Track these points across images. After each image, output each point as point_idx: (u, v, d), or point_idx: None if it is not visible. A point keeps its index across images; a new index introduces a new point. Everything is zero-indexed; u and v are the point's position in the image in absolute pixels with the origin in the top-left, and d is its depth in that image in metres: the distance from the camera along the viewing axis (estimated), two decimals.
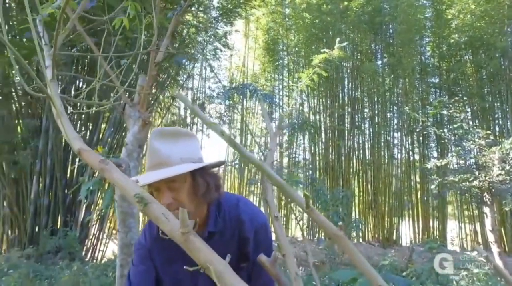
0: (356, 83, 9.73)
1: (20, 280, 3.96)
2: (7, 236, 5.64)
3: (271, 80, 10.41)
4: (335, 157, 9.35)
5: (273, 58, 9.87)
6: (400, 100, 9.73)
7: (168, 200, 0.97)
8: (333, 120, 9.52)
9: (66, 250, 5.09)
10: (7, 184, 5.50)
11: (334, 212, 6.90)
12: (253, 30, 10.46)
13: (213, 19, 7.16)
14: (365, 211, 9.38)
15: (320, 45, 8.50)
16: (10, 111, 5.50)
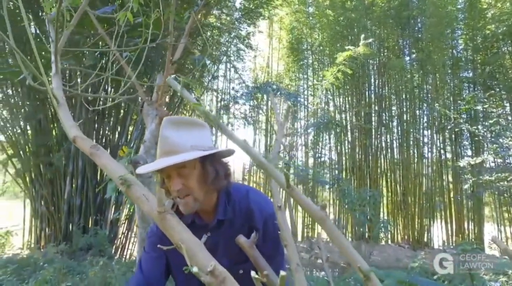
0: (383, 81, 9.46)
1: (55, 274, 4.16)
2: (44, 233, 5.95)
3: (296, 80, 10.34)
4: (362, 156, 9.13)
5: (297, 58, 9.79)
6: (430, 97, 9.34)
7: (178, 186, 1.00)
8: (359, 119, 9.30)
9: (96, 247, 5.29)
10: (43, 184, 5.80)
11: (361, 212, 6.75)
12: (276, 31, 10.44)
13: (235, 21, 7.21)
14: (394, 211, 9.09)
15: (345, 43, 8.33)
16: (46, 115, 5.80)
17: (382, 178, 9.18)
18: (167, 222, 0.62)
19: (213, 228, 1.09)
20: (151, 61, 5.73)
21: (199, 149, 1.04)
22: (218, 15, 7.30)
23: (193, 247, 0.58)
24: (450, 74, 9.57)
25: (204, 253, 0.57)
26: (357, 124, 9.30)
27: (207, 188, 1.05)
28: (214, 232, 1.08)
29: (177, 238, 0.60)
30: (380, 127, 9.15)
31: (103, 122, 6.13)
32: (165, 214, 0.62)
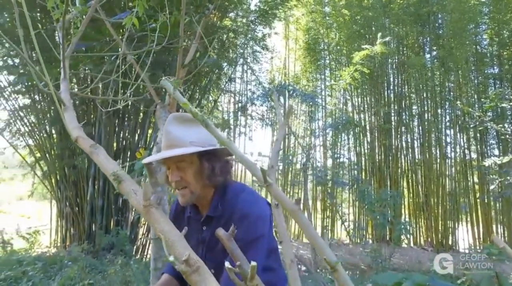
0: (402, 79, 9.26)
1: (78, 272, 4.33)
2: (69, 232, 6.20)
3: (313, 80, 10.28)
4: (382, 156, 8.97)
5: (314, 58, 9.74)
6: (452, 95, 9.06)
7: (176, 178, 1.10)
8: (378, 119, 9.14)
9: (118, 247, 5.46)
10: (68, 186, 6.05)
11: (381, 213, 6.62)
12: (293, 31, 10.43)
13: (250, 23, 7.27)
14: (416, 213, 8.86)
15: (363, 42, 8.22)
16: None
17: (402, 178, 8.97)
18: (151, 215, 0.66)
19: (201, 223, 1.18)
20: (168, 65, 5.87)
21: (197, 145, 1.11)
22: (233, 18, 7.39)
23: (172, 238, 0.61)
24: (474, 71, 9.25)
25: (182, 243, 0.61)
26: (377, 124, 9.15)
27: (203, 182, 1.12)
28: (208, 226, 1.17)
29: (159, 230, 0.64)
30: (400, 127, 8.96)
31: (123, 125, 6.33)
32: (150, 208, 0.67)
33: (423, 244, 8.80)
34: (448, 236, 8.56)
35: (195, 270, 0.56)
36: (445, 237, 8.55)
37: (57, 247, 6.15)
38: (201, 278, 0.54)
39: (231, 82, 9.29)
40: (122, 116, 6.31)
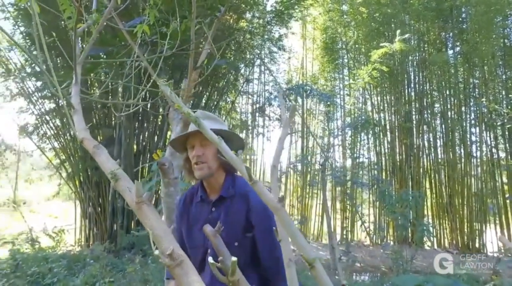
0: (423, 77, 9.00)
1: (100, 270, 4.48)
2: (92, 232, 6.41)
3: (331, 80, 10.17)
4: (403, 156, 8.74)
5: (332, 57, 9.64)
6: (477, 91, 8.72)
7: (200, 152, 1.30)
8: (399, 118, 8.93)
9: (138, 247, 5.60)
10: (91, 187, 6.27)
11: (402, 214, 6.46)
12: (310, 31, 10.36)
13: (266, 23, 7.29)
14: (440, 214, 8.58)
15: (382, 40, 8.05)
16: (91, 122, 6.27)
17: (425, 178, 8.71)
18: (142, 211, 0.69)
19: (216, 202, 1.34)
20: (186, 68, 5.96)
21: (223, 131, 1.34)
22: (249, 19, 7.43)
23: (159, 233, 0.64)
24: (502, 66, 8.86)
25: (168, 238, 0.63)
26: (397, 124, 8.94)
27: (219, 163, 1.32)
28: (217, 207, 1.34)
29: (148, 225, 0.66)
30: (422, 125, 8.70)
31: (143, 128, 6.49)
32: (141, 204, 0.69)
33: (447, 246, 8.51)
34: (474, 238, 8.24)
35: (178, 264, 0.58)
36: (471, 240, 8.22)
37: (81, 245, 6.37)
38: (183, 272, 0.56)
39: (248, 83, 9.34)
40: (142, 119, 6.47)
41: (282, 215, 0.63)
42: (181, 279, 0.57)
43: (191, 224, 1.40)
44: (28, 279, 3.92)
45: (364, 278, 7.17)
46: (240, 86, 8.72)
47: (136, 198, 0.69)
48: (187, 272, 0.57)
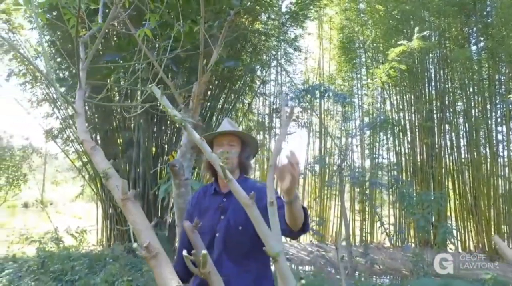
0: (445, 75, 8.74)
1: (119, 270, 4.62)
2: (113, 232, 6.61)
3: (348, 79, 10.04)
4: (424, 156, 8.51)
5: (349, 57, 9.52)
6: (504, 88, 8.37)
7: (228, 150, 1.55)
8: (419, 117, 8.70)
9: None
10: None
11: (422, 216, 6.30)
12: (326, 31, 10.29)
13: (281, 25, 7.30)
14: (464, 216, 8.28)
15: (400, 38, 7.87)
16: (112, 126, 6.48)
17: (447, 179, 8.44)
18: (127, 207, 0.73)
19: (227, 194, 1.55)
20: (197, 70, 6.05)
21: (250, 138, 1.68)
22: (265, 21, 7.46)
23: (140, 228, 0.67)
24: None
25: (147, 233, 0.67)
26: (417, 123, 8.72)
27: (238, 161, 1.58)
28: (228, 198, 1.55)
29: (131, 220, 0.70)
30: (444, 124, 8.44)
31: (161, 130, 6.64)
32: (126, 201, 0.74)
33: (473, 249, 8.20)
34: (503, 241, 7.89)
35: (153, 256, 0.61)
36: None
37: (103, 245, 6.58)
38: (157, 263, 0.60)
39: (264, 84, 9.38)
40: (160, 122, 6.62)
41: (252, 211, 0.66)
42: (155, 270, 0.61)
43: (202, 212, 1.59)
44: (51, 275, 4.09)
45: (384, 281, 7.02)
46: (256, 88, 8.76)
47: (122, 195, 0.73)
48: (161, 263, 0.60)
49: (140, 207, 0.74)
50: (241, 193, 0.69)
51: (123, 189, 0.73)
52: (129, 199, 0.73)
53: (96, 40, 1.57)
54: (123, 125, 6.59)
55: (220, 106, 7.55)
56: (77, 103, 1.23)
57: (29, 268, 4.39)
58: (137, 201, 0.75)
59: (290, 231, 1.34)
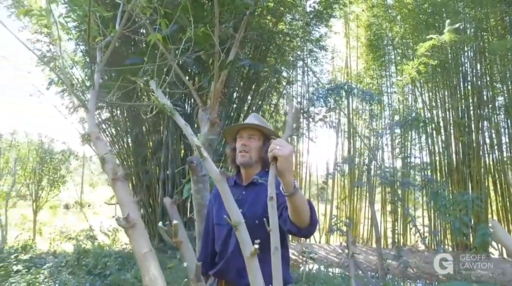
0: (482, 69, 8.27)
1: None
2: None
3: (377, 78, 9.77)
4: (459, 155, 8.09)
5: (378, 54, 9.26)
6: None
7: (246, 143, 1.58)
8: (454, 114, 8.29)
9: None
10: (141, 189, 6.73)
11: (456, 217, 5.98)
12: (353, 29, 10.09)
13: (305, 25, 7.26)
14: (508, 218, 7.76)
15: (432, 32, 7.56)
16: (141, 129, 6.75)
17: (487, 179, 7.95)
18: (116, 186, 0.79)
19: (247, 186, 1.60)
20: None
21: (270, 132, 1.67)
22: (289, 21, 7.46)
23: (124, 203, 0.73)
24: None
25: (130, 207, 0.72)
26: (452, 120, 8.31)
27: (259, 156, 1.59)
28: (247, 190, 1.59)
29: (118, 197, 0.76)
30: (482, 121, 7.98)
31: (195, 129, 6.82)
32: (116, 181, 0.79)
33: None
34: None
35: (131, 226, 0.67)
36: None
37: None
38: (134, 233, 0.66)
39: (291, 85, 9.36)
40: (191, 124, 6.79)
41: (222, 186, 0.70)
42: (132, 238, 0.67)
43: (222, 204, 1.58)
44: (85, 269, 4.34)
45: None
46: (282, 89, 8.77)
47: (112, 175, 0.79)
48: (137, 233, 0.66)
49: (127, 186, 0.80)
50: (214, 170, 0.73)
51: (113, 169, 0.79)
52: (119, 179, 0.79)
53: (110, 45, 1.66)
54: (153, 128, 6.84)
55: (246, 108, 7.63)
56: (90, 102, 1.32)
57: (67, 262, 4.68)
58: (125, 180, 0.81)
59: (298, 230, 1.30)
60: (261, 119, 1.71)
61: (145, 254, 0.64)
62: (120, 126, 6.85)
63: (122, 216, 0.70)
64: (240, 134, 1.64)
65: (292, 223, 1.29)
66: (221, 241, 1.56)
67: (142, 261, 0.65)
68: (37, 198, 7.24)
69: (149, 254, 0.65)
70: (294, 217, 1.27)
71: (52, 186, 7.36)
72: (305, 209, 1.25)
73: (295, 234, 1.36)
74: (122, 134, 6.85)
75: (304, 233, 1.33)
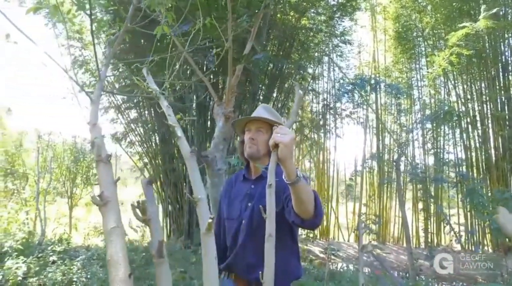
0: None
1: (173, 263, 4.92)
2: (171, 229, 7.03)
3: (406, 71, 9.39)
4: (499, 151, 7.59)
5: (406, 47, 8.90)
6: None
7: (254, 136, 1.55)
8: (492, 107, 7.80)
9: None
10: (169, 187, 6.89)
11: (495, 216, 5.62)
12: (380, 22, 9.77)
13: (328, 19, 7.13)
14: None
15: (466, 20, 7.16)
16: (168, 129, 6.90)
17: None
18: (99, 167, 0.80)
19: (256, 180, 1.58)
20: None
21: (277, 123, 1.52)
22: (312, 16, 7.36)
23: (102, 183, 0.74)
24: None
25: (107, 186, 0.73)
26: (490, 114, 7.82)
27: (267, 150, 1.48)
28: (256, 184, 1.56)
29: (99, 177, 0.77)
30: None
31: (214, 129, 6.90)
32: (99, 162, 0.81)
33: None
34: None
35: (105, 204, 0.67)
36: None
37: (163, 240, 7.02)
38: (106, 210, 0.66)
39: (316, 81, 9.23)
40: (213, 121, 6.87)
41: (190, 164, 0.70)
42: (104, 216, 0.67)
43: (232, 198, 1.62)
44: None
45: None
46: (307, 85, 8.65)
47: (96, 156, 0.81)
48: (109, 210, 0.66)
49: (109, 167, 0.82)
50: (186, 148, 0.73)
51: (97, 151, 0.81)
52: (102, 160, 0.81)
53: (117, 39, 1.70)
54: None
55: (271, 105, 7.60)
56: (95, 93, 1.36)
57: (98, 255, 4.90)
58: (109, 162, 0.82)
59: (302, 221, 1.28)
60: (271, 110, 1.66)
61: (111, 230, 0.65)
62: (148, 126, 7.05)
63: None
64: (248, 127, 1.61)
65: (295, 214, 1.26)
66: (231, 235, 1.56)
67: (108, 236, 0.66)
68: (72, 195, 7.65)
69: (115, 229, 0.66)
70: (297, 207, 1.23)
71: (85, 184, 7.74)
72: (308, 199, 1.21)
73: (299, 225, 1.33)
74: (150, 134, 7.06)
75: (308, 225, 1.29)
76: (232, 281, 1.56)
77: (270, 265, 0.89)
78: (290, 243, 1.53)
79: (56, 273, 3.84)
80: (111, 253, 0.66)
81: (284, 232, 1.46)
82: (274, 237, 0.96)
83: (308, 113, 9.87)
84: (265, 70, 7.25)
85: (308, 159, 10.15)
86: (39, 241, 5.61)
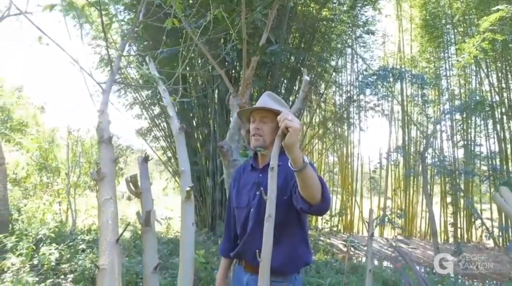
0: None
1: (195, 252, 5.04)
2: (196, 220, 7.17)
3: (434, 61, 9.00)
4: None
5: (434, 35, 8.52)
6: None
7: (259, 126, 1.52)
8: None
9: None
10: (192, 180, 7.00)
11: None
12: (406, 10, 9.42)
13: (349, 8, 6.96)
14: None
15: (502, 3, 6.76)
16: (191, 123, 7.02)
17: None
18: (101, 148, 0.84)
19: (264, 169, 1.55)
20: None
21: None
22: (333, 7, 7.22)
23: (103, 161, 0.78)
24: None
25: (106, 164, 0.77)
26: None
27: (273, 139, 1.38)
28: (264, 173, 1.50)
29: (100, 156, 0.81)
30: None
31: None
32: (101, 143, 0.85)
33: None
34: None
35: (101, 179, 0.71)
36: None
37: None
38: (103, 184, 0.70)
39: (339, 73, 9.06)
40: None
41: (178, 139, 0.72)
42: (99, 190, 0.71)
43: (241, 187, 1.64)
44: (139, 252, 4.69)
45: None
46: (329, 77, 8.51)
47: (99, 138, 0.85)
48: (105, 185, 0.70)
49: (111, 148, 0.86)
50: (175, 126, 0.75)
51: (99, 133, 0.85)
52: (104, 141, 0.85)
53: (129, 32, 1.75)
54: (201, 122, 7.08)
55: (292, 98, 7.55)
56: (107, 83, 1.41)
57: (124, 246, 5.10)
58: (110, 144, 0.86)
59: (309, 206, 1.28)
60: (276, 97, 1.63)
61: (105, 201, 0.70)
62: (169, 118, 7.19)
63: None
64: (253, 116, 1.59)
65: (302, 199, 1.27)
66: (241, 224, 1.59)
67: (100, 207, 0.70)
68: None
69: (108, 200, 0.70)
70: (304, 192, 1.24)
71: None
72: (315, 184, 1.22)
73: (306, 211, 1.33)
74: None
75: (316, 209, 1.29)
76: (243, 268, 1.59)
77: (268, 244, 0.90)
78: (299, 229, 1.54)
79: (85, 261, 4.04)
80: (102, 220, 0.70)
81: (292, 219, 1.48)
82: (273, 217, 0.98)
83: (331, 106, 9.71)
84: (286, 63, 7.20)
85: (331, 152, 10.02)
86: (70, 231, 5.91)
